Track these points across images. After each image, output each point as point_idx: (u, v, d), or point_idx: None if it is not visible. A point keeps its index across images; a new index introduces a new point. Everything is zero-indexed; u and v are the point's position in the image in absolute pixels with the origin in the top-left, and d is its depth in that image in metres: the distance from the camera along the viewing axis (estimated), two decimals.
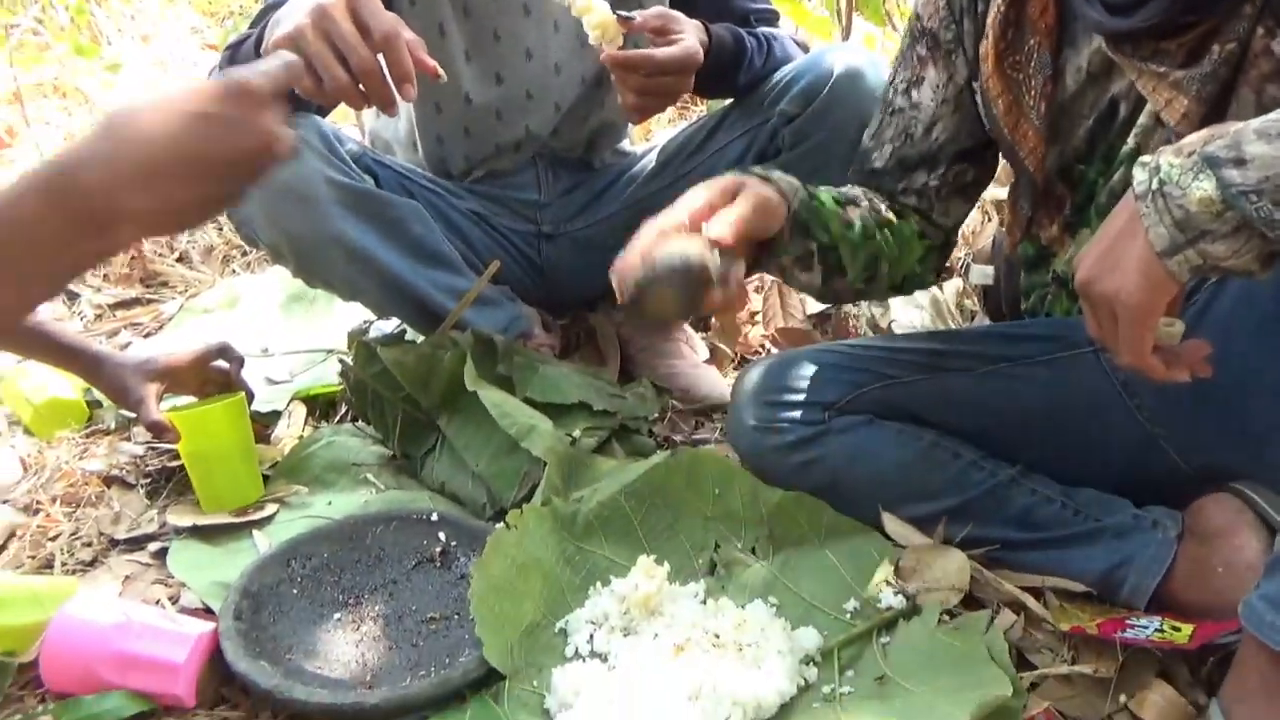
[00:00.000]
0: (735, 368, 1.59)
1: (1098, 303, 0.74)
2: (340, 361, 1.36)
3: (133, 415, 1.26)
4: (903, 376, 1.09)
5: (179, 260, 1.97)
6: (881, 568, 1.00)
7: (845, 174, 1.14)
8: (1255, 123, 0.66)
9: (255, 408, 1.32)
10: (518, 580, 0.97)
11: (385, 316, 1.45)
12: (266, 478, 1.26)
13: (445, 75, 0.94)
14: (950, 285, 1.67)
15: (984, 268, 1.35)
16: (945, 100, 1.04)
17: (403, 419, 1.28)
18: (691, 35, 1.16)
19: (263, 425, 1.38)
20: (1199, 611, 0.94)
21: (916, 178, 1.07)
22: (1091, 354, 0.99)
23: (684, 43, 1.15)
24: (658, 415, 1.39)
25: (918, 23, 1.05)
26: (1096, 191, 0.97)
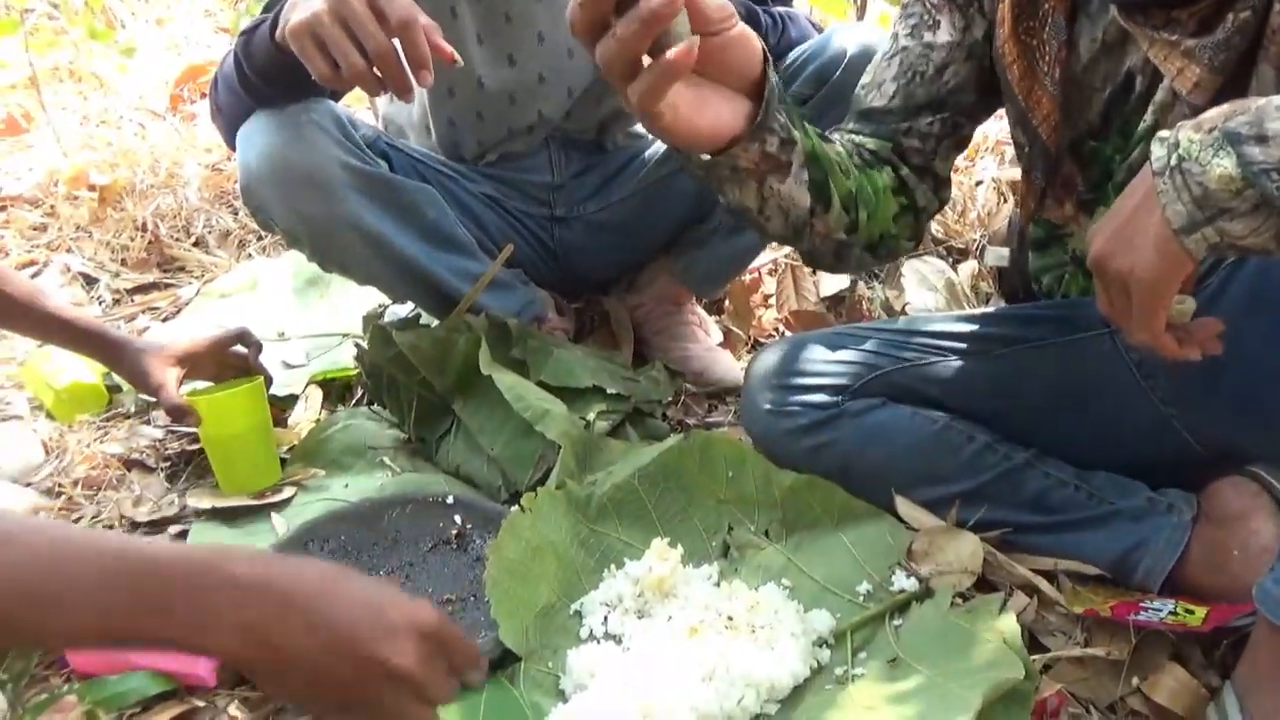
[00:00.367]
0: (749, 351, 1.59)
1: (1111, 279, 0.73)
2: (356, 345, 1.37)
3: (152, 399, 1.28)
4: (916, 360, 1.08)
5: (195, 245, 1.98)
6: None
7: None
8: (1278, 99, 0.65)
9: (273, 391, 1.33)
10: (533, 563, 0.98)
11: (400, 301, 1.45)
12: (284, 461, 1.27)
13: (461, 60, 0.93)
14: (965, 267, 1.67)
15: (999, 249, 1.34)
16: (960, 45, 1.00)
17: (418, 402, 1.29)
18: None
19: (280, 409, 1.39)
20: (1214, 595, 0.94)
21: (921, 119, 1.02)
22: (1107, 335, 0.99)
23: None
24: (671, 399, 1.40)
25: None
26: (1113, 169, 0.95)
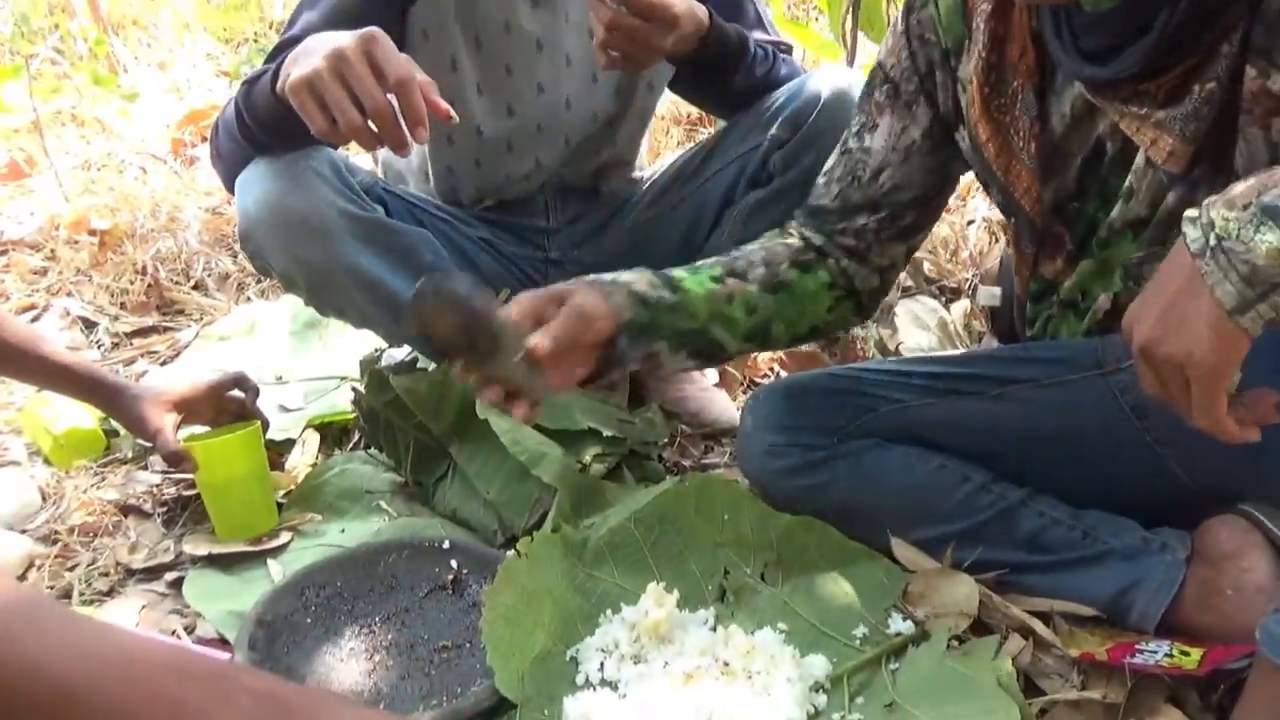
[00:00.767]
0: (744, 391, 1.60)
1: (1163, 364, 0.72)
2: (353, 389, 1.38)
3: (150, 445, 1.28)
4: (910, 400, 1.09)
5: (195, 288, 2.00)
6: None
7: None
8: None
9: (269, 436, 1.33)
10: (529, 608, 0.98)
11: (397, 344, 1.46)
12: (281, 505, 1.28)
13: (458, 117, 0.95)
14: (958, 307, 1.68)
15: (991, 289, 1.35)
16: (895, 149, 1.04)
17: (414, 446, 1.30)
18: (678, 1, 1.14)
19: (277, 453, 1.40)
20: (1208, 634, 0.93)
21: (857, 219, 1.07)
22: (1099, 376, 1.00)
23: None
24: (667, 440, 1.40)
25: (880, 70, 1.05)
26: (1098, 226, 0.96)
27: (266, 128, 1.12)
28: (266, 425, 1.31)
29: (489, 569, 1.04)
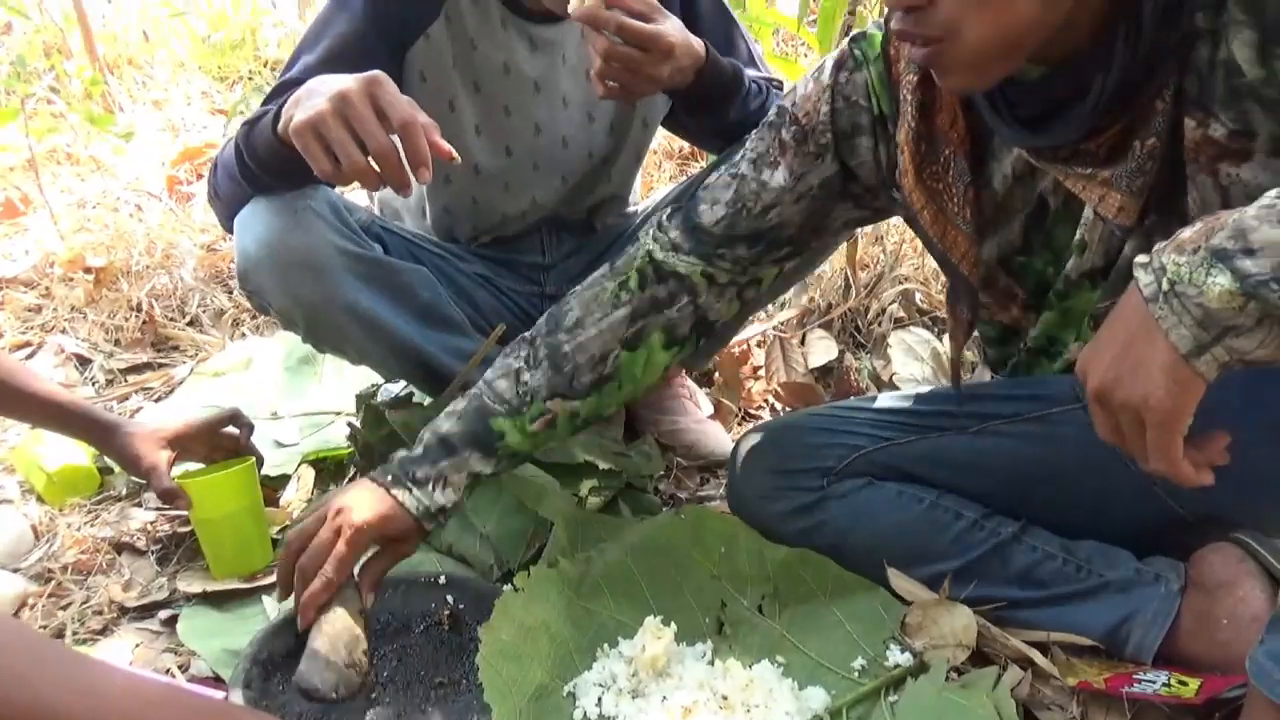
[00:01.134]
0: (740, 422, 1.61)
1: (1119, 410, 0.71)
2: (349, 424, 1.38)
3: (144, 482, 1.28)
4: (895, 438, 1.10)
5: (190, 324, 2.00)
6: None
7: None
8: (1251, 210, 0.65)
9: (264, 471, 1.33)
10: (525, 643, 0.98)
11: (394, 379, 1.47)
12: (276, 542, 1.27)
13: (460, 158, 0.96)
14: (946, 340, 1.69)
15: None
16: (790, 190, 1.02)
17: None
18: (672, 30, 1.15)
19: (272, 489, 1.39)
20: (1205, 664, 0.94)
21: (737, 248, 1.05)
22: (1081, 409, 1.00)
23: (659, 26, 1.13)
24: (663, 472, 1.41)
25: (793, 111, 1.02)
26: (1048, 279, 0.95)
27: (267, 168, 1.14)
28: (261, 461, 1.30)
29: (485, 603, 1.04)
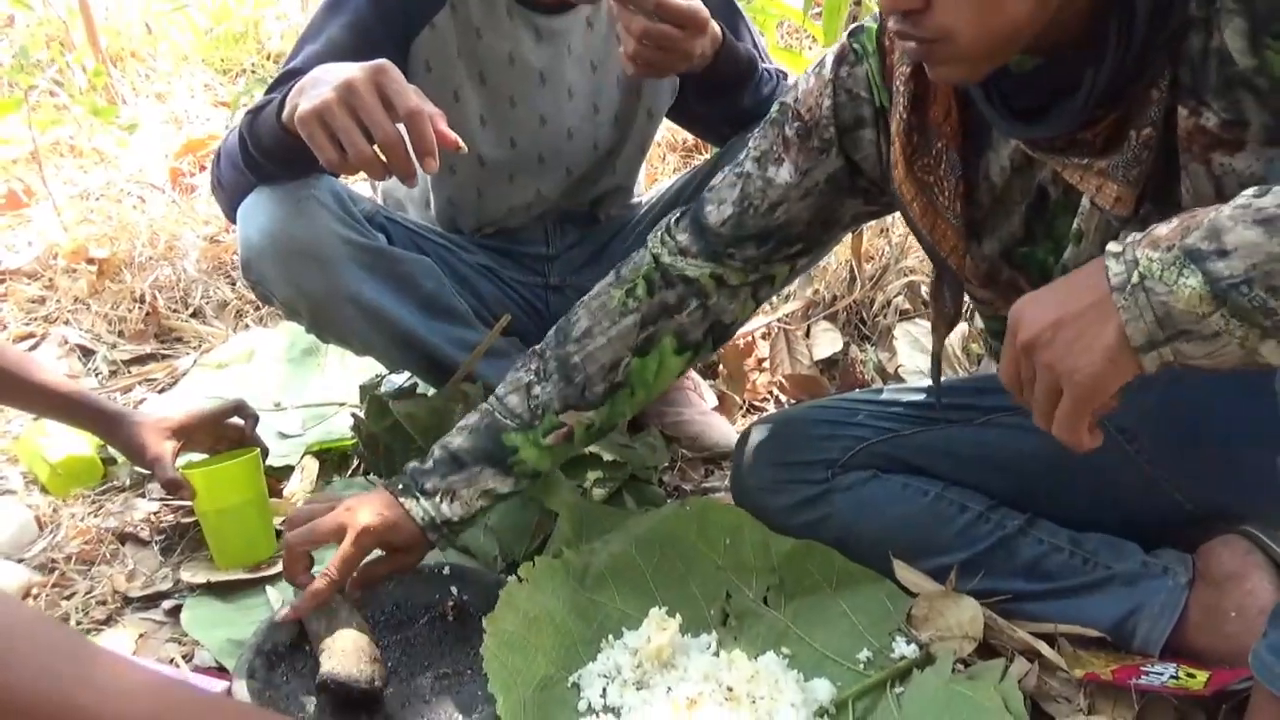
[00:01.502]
0: (744, 414, 1.60)
1: (1041, 367, 0.71)
2: (352, 415, 1.38)
3: (148, 472, 1.27)
4: (900, 429, 1.09)
5: (193, 316, 2.00)
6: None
7: None
8: (1227, 210, 0.65)
9: (269, 462, 1.33)
10: (530, 634, 0.98)
11: (397, 370, 1.46)
12: (280, 532, 1.27)
13: (466, 147, 0.95)
14: (956, 330, 1.69)
15: None
16: (796, 187, 1.01)
17: None
18: (702, 7, 1.15)
19: (276, 480, 1.39)
20: (1213, 656, 0.93)
21: (746, 247, 1.05)
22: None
23: (695, 1, 1.14)
24: (667, 464, 1.40)
25: (796, 106, 1.01)
26: (1050, 270, 0.95)
27: (272, 156, 1.13)
28: (265, 452, 1.30)
29: (489, 595, 1.03)
